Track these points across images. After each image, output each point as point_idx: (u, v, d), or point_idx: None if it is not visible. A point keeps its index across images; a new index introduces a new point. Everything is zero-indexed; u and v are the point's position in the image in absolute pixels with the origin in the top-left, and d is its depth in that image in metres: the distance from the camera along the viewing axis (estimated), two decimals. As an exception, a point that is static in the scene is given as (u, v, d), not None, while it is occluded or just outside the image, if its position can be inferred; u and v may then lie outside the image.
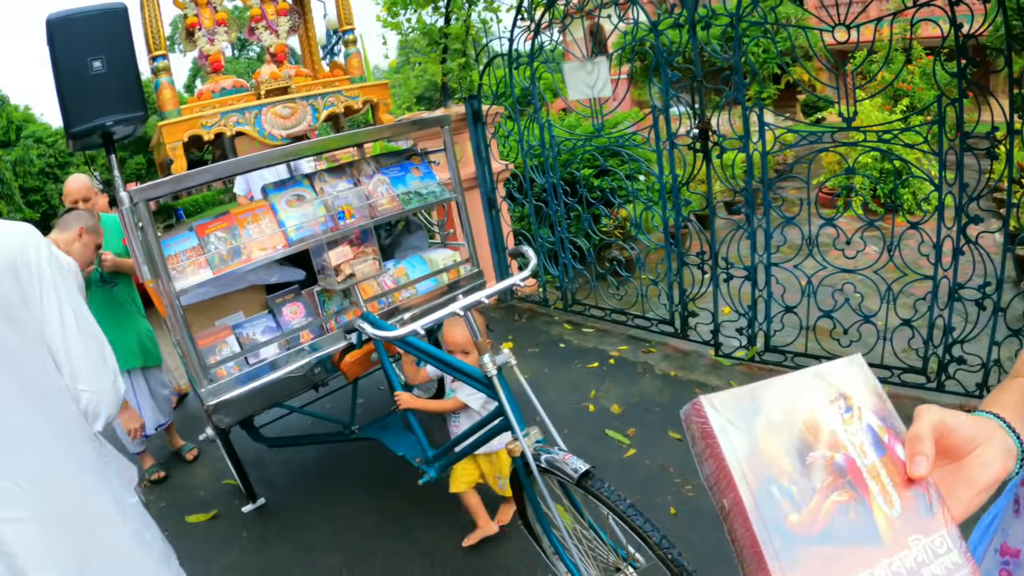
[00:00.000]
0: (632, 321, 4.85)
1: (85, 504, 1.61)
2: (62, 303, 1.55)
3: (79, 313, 1.60)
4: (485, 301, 2.03)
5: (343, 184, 2.91)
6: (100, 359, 1.63)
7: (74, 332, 1.56)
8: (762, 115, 3.59)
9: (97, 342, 1.64)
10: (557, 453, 1.96)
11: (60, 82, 2.81)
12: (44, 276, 1.52)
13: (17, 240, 1.52)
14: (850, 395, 0.74)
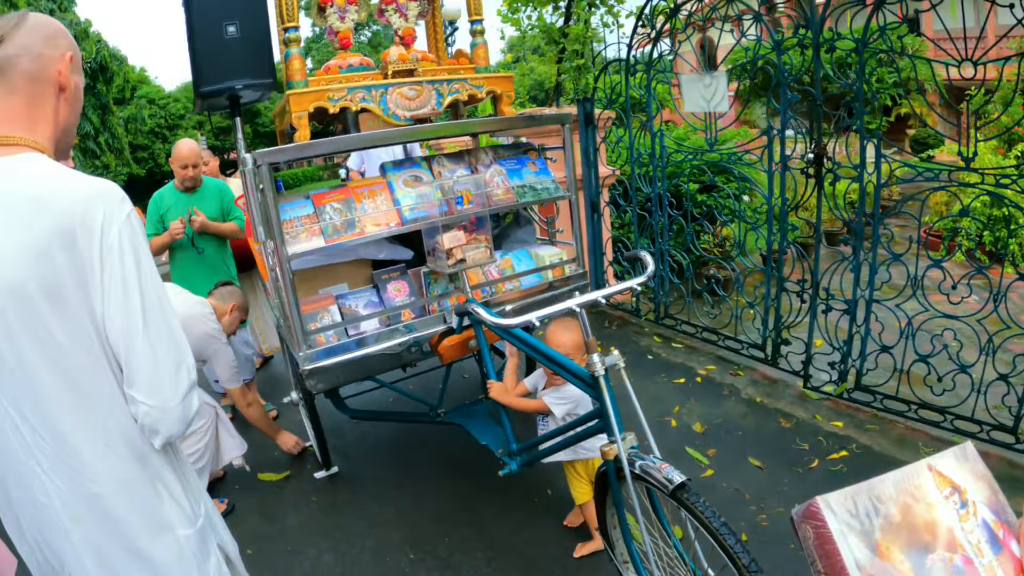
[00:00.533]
0: (723, 342, 4.73)
1: (111, 531, 1.31)
2: (128, 288, 1.22)
3: (151, 305, 1.25)
4: (602, 301, 2.01)
5: (461, 170, 2.93)
6: (171, 367, 1.27)
7: (139, 327, 1.23)
8: (879, 146, 3.44)
9: (172, 346, 1.28)
10: (652, 461, 1.94)
11: (194, 43, 2.91)
12: (111, 252, 1.20)
13: (82, 203, 1.20)
14: (964, 488, 0.72)
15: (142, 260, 1.24)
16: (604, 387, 2.00)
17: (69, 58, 1.32)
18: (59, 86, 1.32)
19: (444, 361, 2.74)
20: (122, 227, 1.21)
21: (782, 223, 4.01)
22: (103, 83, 12.96)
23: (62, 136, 1.37)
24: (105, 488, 1.27)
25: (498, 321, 1.95)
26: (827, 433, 3.52)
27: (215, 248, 4.20)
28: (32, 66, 1.27)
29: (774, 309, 4.21)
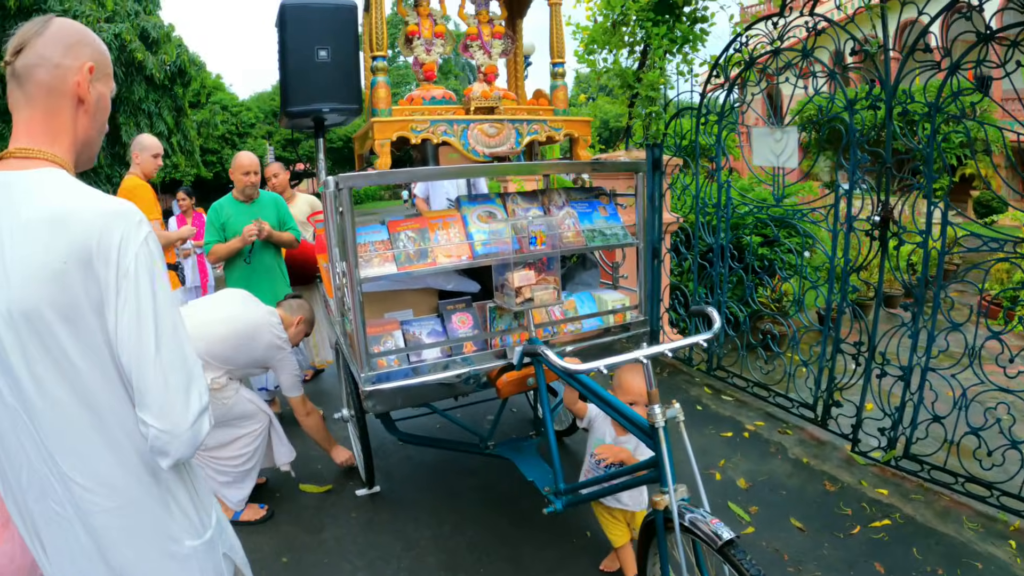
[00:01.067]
0: (773, 398, 4.66)
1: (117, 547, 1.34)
2: (142, 313, 1.21)
3: (164, 330, 1.25)
4: (668, 354, 2.03)
5: (534, 210, 2.98)
6: (181, 391, 1.26)
7: (150, 353, 1.22)
8: (946, 212, 3.40)
9: (184, 370, 1.27)
10: (702, 515, 1.95)
11: (286, 63, 3.04)
12: (126, 276, 1.20)
13: (98, 224, 1.19)
14: None
15: (158, 284, 1.24)
16: (663, 438, 2.02)
17: (89, 68, 1.30)
18: (78, 98, 1.30)
19: (501, 395, 2.77)
20: (139, 250, 1.21)
21: (843, 283, 3.97)
22: (180, 86, 13.44)
23: (83, 149, 1.35)
24: (118, 502, 1.30)
25: (566, 366, 1.97)
26: (871, 500, 3.46)
27: (272, 257, 4.38)
28: (48, 76, 1.25)
29: (828, 370, 4.15)
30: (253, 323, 3.19)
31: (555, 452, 2.60)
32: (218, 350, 3.07)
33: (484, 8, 3.33)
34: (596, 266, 3.58)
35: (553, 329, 3.02)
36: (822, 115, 4.13)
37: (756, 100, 4.71)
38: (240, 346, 3.13)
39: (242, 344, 3.14)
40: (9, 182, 1.21)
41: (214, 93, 30.26)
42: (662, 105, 5.51)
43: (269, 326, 3.23)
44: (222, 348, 3.08)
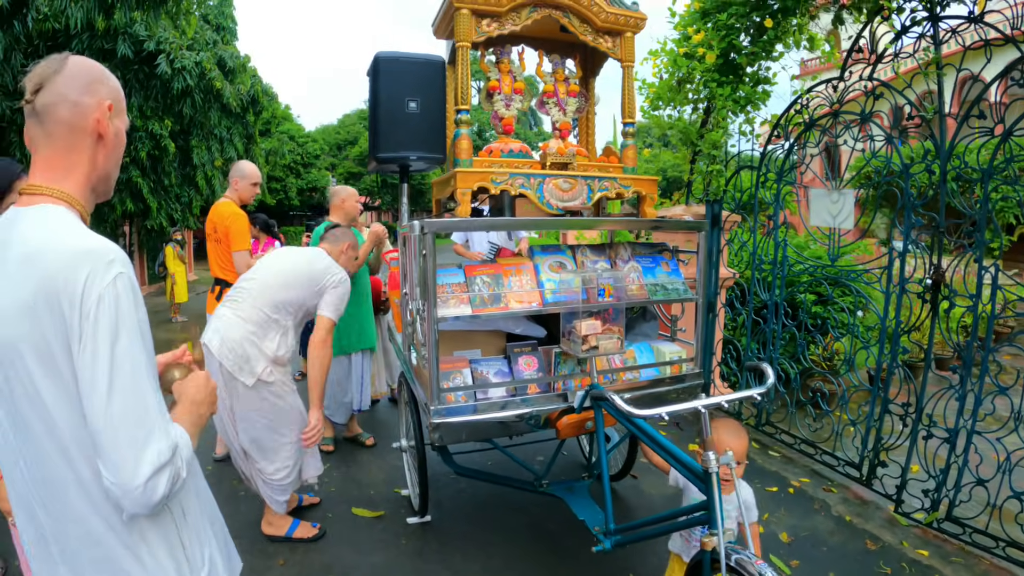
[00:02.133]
0: (820, 456, 4.70)
1: None
2: (98, 360, 1.16)
3: (120, 380, 1.18)
4: (724, 405, 2.16)
5: (602, 263, 3.14)
6: (133, 447, 1.17)
7: (101, 402, 1.16)
8: (996, 276, 3.45)
9: (139, 424, 1.19)
10: (748, 556, 2.06)
11: (377, 111, 3.26)
12: (87, 318, 1.16)
13: (66, 263, 1.17)
14: None
15: (120, 330, 1.19)
16: (715, 483, 2.16)
17: (108, 107, 1.34)
18: (97, 134, 1.33)
19: (560, 437, 2.90)
20: (104, 292, 1.17)
21: (894, 344, 4.02)
22: (252, 115, 13.96)
23: (100, 183, 1.38)
24: (85, 540, 1.27)
25: (630, 410, 2.11)
26: (911, 560, 3.48)
27: (364, 279, 4.63)
28: (69, 114, 1.28)
29: (875, 430, 4.19)
30: (303, 259, 3.44)
31: (608, 493, 2.73)
32: (276, 295, 3.27)
33: (561, 67, 3.54)
34: (656, 318, 3.71)
35: (612, 376, 3.15)
36: (879, 178, 4.23)
37: (815, 159, 4.83)
38: (297, 275, 3.32)
39: (300, 271, 3.34)
40: (13, 219, 1.26)
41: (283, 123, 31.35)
42: (723, 162, 5.65)
43: (316, 255, 3.49)
44: (278, 287, 3.28)
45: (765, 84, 5.49)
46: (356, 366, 4.67)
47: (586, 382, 3.02)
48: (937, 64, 3.81)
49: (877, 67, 4.12)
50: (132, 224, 15.03)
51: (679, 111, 5.68)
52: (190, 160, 14.55)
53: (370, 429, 5.20)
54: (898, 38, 3.99)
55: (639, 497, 4.14)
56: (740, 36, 5.22)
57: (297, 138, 33.54)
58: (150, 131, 12.68)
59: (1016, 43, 3.30)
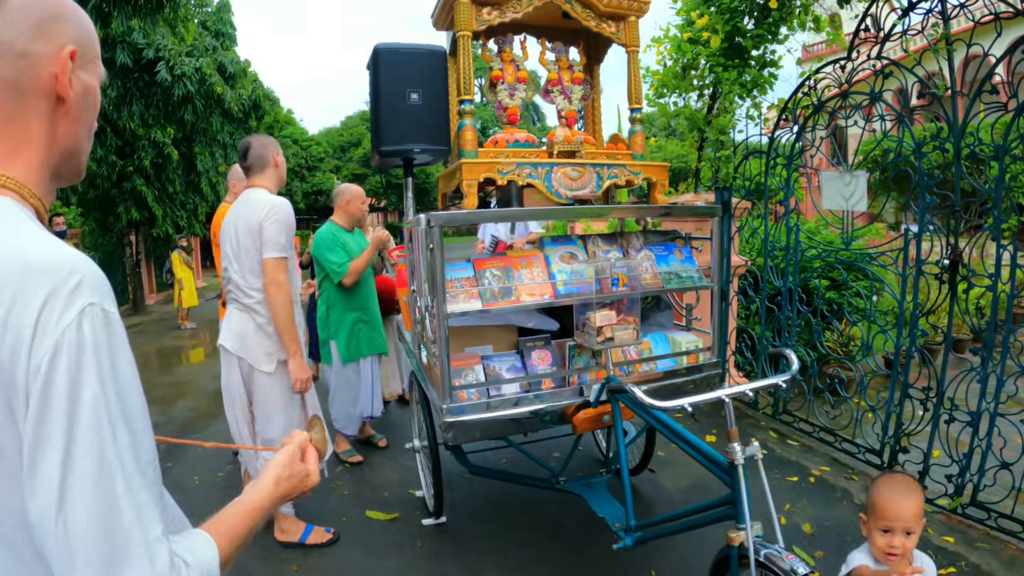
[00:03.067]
0: (839, 443, 4.61)
1: None
2: (46, 440, 0.74)
3: (81, 470, 0.75)
4: (749, 394, 2.09)
5: (614, 252, 3.07)
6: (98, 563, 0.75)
7: (51, 505, 0.74)
8: (1015, 254, 3.37)
9: (107, 535, 0.76)
10: (778, 551, 1.99)
11: (378, 104, 3.19)
12: (37, 373, 0.75)
13: (14, 283, 0.77)
14: None
15: (82, 396, 0.76)
16: (741, 476, 2.09)
17: (71, 54, 0.91)
18: (56, 96, 0.91)
19: (577, 432, 2.84)
20: (62, 338, 0.75)
21: (912, 328, 3.94)
22: (255, 119, 13.97)
23: (64, 160, 0.97)
24: None
25: (652, 402, 2.04)
26: (937, 547, 3.40)
27: (369, 282, 4.53)
28: (12, 71, 0.87)
29: (896, 415, 4.11)
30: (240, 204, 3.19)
31: (628, 489, 2.66)
32: (251, 265, 3.10)
33: (564, 55, 3.46)
34: (670, 307, 3.64)
35: (628, 368, 3.08)
36: (890, 159, 4.14)
37: (824, 142, 4.75)
38: (247, 228, 3.07)
39: (243, 224, 3.08)
40: None
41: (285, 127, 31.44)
42: (731, 148, 5.57)
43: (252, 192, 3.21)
44: (245, 255, 3.10)
45: (771, 67, 5.40)
46: (366, 372, 4.57)
47: (602, 375, 2.95)
48: (947, 40, 3.71)
49: (885, 46, 4.02)
50: (138, 233, 15.03)
51: (684, 98, 5.60)
52: (194, 167, 14.56)
53: (382, 430, 5.14)
54: (905, 14, 3.90)
55: (657, 491, 4.07)
56: (744, 19, 5.14)
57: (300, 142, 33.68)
58: (153, 139, 12.68)
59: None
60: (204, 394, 6.99)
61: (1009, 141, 3.30)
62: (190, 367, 8.81)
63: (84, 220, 14.87)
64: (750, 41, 5.17)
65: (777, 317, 5.05)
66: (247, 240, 3.08)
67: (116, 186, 12.85)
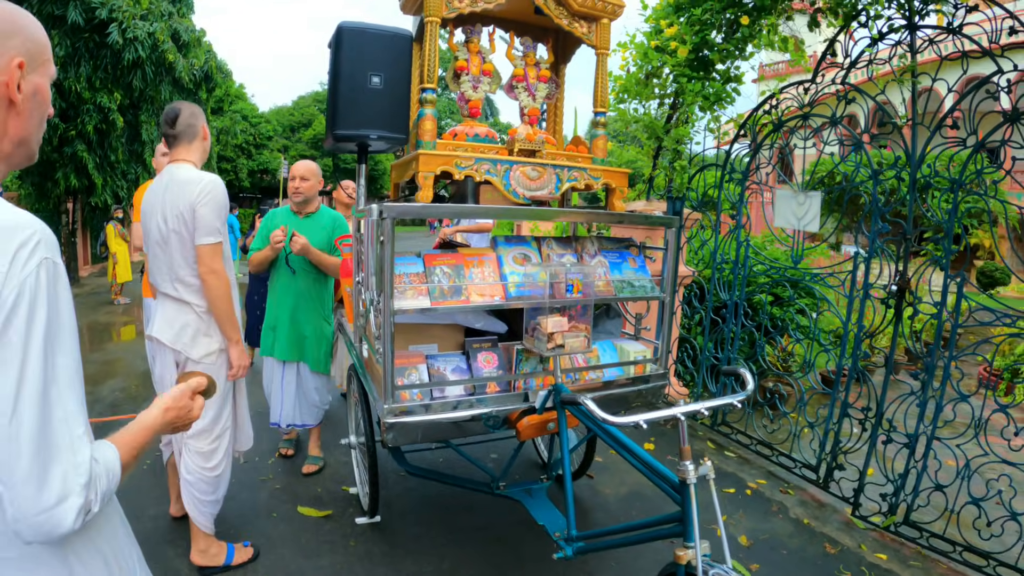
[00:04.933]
0: (776, 457, 4.68)
1: None
2: (5, 361, 0.98)
3: (29, 387, 1.00)
4: (705, 412, 2.06)
5: (568, 257, 3.00)
6: (38, 467, 1.00)
7: (4, 415, 0.98)
8: (961, 285, 3.46)
9: (46, 443, 1.01)
10: (726, 570, 1.98)
11: (337, 85, 3.05)
12: (2, 305, 0.98)
13: None
14: None
15: (35, 328, 1.00)
16: (693, 495, 2.07)
17: (19, 64, 1.10)
18: (7, 100, 1.10)
19: (521, 438, 2.77)
20: (24, 281, 0.99)
21: (855, 349, 4.01)
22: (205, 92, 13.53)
23: (15, 149, 1.15)
24: (13, 553, 1.08)
25: (607, 417, 1.99)
26: (870, 564, 3.49)
27: (313, 278, 4.07)
28: None
29: (833, 433, 4.19)
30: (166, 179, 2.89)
31: (570, 497, 2.61)
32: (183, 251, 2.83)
33: (532, 51, 3.39)
34: (620, 316, 3.60)
35: (575, 376, 3.03)
36: (843, 183, 4.21)
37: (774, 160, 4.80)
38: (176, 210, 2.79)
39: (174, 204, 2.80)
40: None
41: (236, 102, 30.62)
42: (687, 159, 5.59)
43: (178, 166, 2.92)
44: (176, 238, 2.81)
45: (734, 83, 5.43)
46: (270, 372, 4.19)
47: (548, 381, 2.89)
48: (912, 72, 3.78)
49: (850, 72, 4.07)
50: (76, 201, 14.44)
51: (645, 106, 5.59)
52: (139, 136, 14.04)
53: (320, 422, 4.98)
54: (874, 44, 3.96)
55: (595, 497, 4.05)
56: (713, 32, 5.15)
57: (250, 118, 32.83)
58: (98, 104, 12.14)
59: (993, 56, 3.28)
60: (134, 374, 6.70)
61: (964, 176, 3.37)
62: (121, 345, 8.45)
63: (20, 184, 14.17)
64: (717, 55, 5.19)
65: (720, 329, 5.08)
66: (178, 225, 2.80)
67: (56, 150, 12.29)
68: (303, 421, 4.20)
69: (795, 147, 4.66)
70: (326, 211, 4.19)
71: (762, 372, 5.34)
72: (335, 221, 4.15)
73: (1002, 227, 3.58)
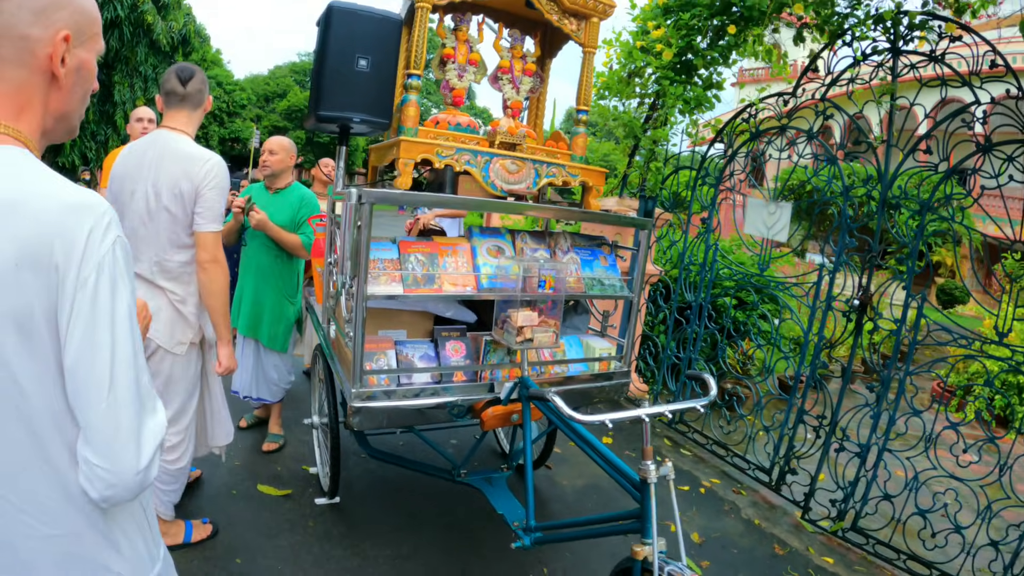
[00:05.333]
0: (731, 458, 4.80)
1: None
2: (98, 337, 1.01)
3: (122, 358, 1.05)
4: (668, 415, 2.11)
5: (542, 252, 3.04)
6: (135, 431, 1.06)
7: (103, 387, 1.02)
8: (922, 304, 3.58)
9: (139, 406, 1.08)
10: (681, 568, 2.03)
11: (323, 65, 3.01)
12: (84, 286, 1.00)
13: (60, 219, 0.99)
14: None
15: (120, 302, 1.04)
16: (652, 494, 2.12)
17: (65, 37, 1.07)
18: (50, 74, 1.08)
19: (485, 428, 2.80)
20: (104, 257, 1.01)
21: (815, 358, 4.12)
22: (182, 55, 13.32)
23: (55, 124, 1.14)
24: (56, 531, 1.08)
25: (575, 416, 2.03)
26: (817, 567, 3.61)
27: (274, 255, 3.97)
28: (14, 51, 1.04)
29: (788, 438, 4.30)
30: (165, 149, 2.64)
31: (531, 488, 2.65)
32: (168, 233, 2.63)
33: (519, 44, 3.40)
34: (587, 312, 3.65)
35: (541, 369, 3.07)
36: (815, 196, 4.31)
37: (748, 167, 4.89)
38: (172, 187, 2.58)
39: (171, 178, 2.58)
40: None
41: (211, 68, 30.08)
42: (662, 160, 5.65)
43: (173, 137, 2.69)
44: (163, 217, 2.60)
45: (716, 89, 5.50)
46: (242, 348, 4.11)
47: (515, 373, 2.92)
48: (892, 95, 3.87)
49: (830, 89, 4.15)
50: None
51: (625, 104, 5.63)
52: (111, 97, 13.72)
53: (285, 401, 4.94)
54: (855, 64, 4.04)
55: (552, 488, 4.11)
56: (699, 38, 5.20)
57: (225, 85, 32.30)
58: (70, 61, 11.82)
59: (971, 86, 3.37)
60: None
61: (933, 200, 3.49)
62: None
63: (-17, 138, 13.76)
64: (701, 60, 5.25)
65: (684, 329, 5.17)
66: (173, 203, 2.58)
67: (24, 105, 11.94)
68: (259, 395, 4.14)
69: (770, 156, 4.74)
70: (297, 188, 4.10)
71: (721, 374, 5.45)
72: (303, 200, 4.03)
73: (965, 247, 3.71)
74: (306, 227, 3.98)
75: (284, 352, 4.13)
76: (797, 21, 4.79)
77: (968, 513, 3.50)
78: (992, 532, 3.33)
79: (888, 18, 4.01)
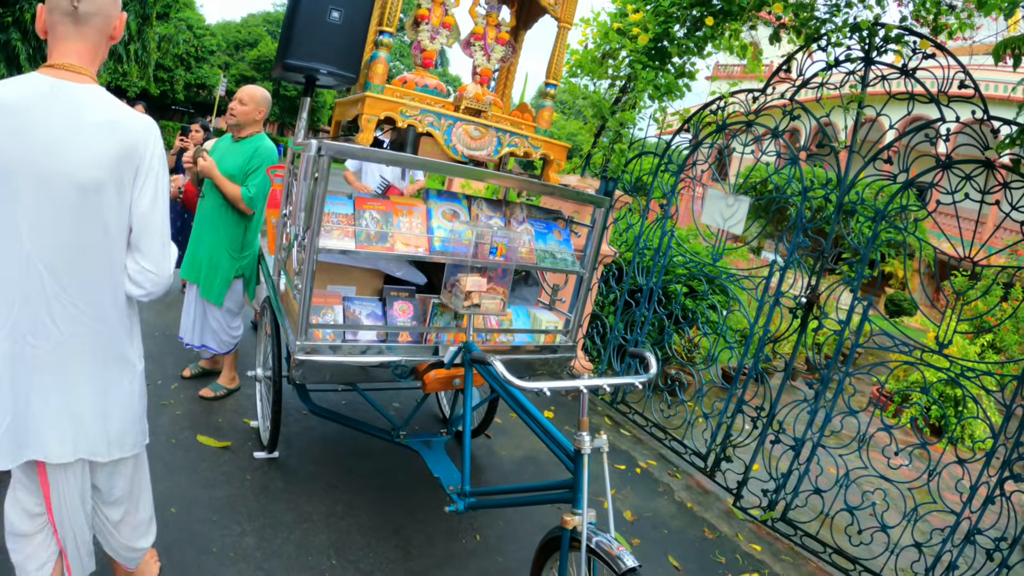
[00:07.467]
0: (669, 442, 4.90)
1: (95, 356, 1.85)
2: (157, 192, 1.81)
3: (162, 208, 1.85)
4: (607, 388, 2.14)
5: (497, 220, 3.04)
6: (167, 247, 1.88)
7: (158, 223, 1.83)
8: (867, 309, 3.70)
9: (168, 235, 1.89)
10: (609, 539, 2.05)
11: (295, 14, 2.96)
12: (150, 170, 1.79)
13: (141, 132, 1.76)
14: None
15: (162, 176, 1.84)
16: (585, 465, 2.14)
17: (122, 18, 1.83)
18: (110, 37, 1.81)
19: (426, 391, 2.81)
20: (155, 152, 1.80)
21: (758, 350, 4.22)
22: (155, -10, 12.83)
23: (102, 61, 1.84)
24: (101, 328, 1.83)
25: (513, 381, 2.05)
26: (745, 553, 3.73)
27: (219, 204, 3.90)
28: (103, 23, 1.76)
29: (726, 426, 4.41)
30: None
31: (468, 456, 2.69)
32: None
33: (495, 12, 3.37)
34: (537, 284, 3.67)
35: (487, 336, 3.09)
36: (774, 194, 4.39)
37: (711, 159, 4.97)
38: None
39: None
40: (68, 91, 1.66)
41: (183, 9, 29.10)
42: (627, 143, 5.69)
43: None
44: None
45: (688, 78, 5.53)
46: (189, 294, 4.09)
47: (460, 338, 2.94)
48: (860, 104, 3.96)
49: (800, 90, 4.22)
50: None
51: (596, 84, 5.64)
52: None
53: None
54: (828, 69, 4.11)
55: (490, 457, 4.15)
56: (676, 26, 5.22)
57: (195, 28, 31.30)
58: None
59: (939, 104, 3.46)
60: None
61: (889, 209, 3.58)
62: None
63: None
64: (676, 48, 5.27)
65: (633, 312, 5.24)
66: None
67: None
68: (203, 343, 4.09)
69: (734, 150, 4.81)
70: (256, 139, 3.97)
71: (666, 359, 5.55)
72: (256, 151, 3.91)
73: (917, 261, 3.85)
74: (252, 180, 3.87)
75: (218, 306, 4.02)
76: (775, 21, 4.84)
77: (895, 514, 3.66)
78: (917, 534, 3.46)
79: (864, 27, 4.08)
